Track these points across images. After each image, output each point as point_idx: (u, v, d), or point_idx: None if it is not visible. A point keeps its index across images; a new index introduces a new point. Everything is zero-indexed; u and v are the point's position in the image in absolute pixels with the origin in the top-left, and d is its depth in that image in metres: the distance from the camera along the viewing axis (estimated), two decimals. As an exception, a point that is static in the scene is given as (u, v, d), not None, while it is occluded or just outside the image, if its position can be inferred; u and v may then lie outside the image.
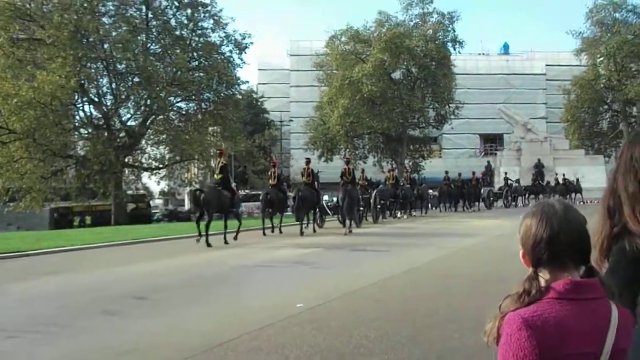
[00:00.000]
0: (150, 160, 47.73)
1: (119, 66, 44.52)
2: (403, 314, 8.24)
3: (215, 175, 21.57)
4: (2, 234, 30.91)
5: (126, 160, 44.75)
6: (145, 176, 51.15)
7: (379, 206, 31.13)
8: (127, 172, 46.96)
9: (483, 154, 71.30)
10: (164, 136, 46.20)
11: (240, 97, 51.56)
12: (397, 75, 53.29)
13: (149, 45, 45.43)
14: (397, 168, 38.82)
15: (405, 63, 52.94)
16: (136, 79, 44.54)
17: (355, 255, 16.32)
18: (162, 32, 45.53)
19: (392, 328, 7.46)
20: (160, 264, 14.59)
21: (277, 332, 7.43)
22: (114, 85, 44.83)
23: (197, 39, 46.59)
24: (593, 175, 46.62)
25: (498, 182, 48.54)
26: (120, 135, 44.87)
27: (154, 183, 53.52)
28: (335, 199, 30.45)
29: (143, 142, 46.85)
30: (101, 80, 45.15)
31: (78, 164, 43.94)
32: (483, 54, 77.87)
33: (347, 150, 53.26)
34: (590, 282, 1.86)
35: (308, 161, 26.33)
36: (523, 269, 1.96)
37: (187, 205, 65.10)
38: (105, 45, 43.50)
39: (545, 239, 1.84)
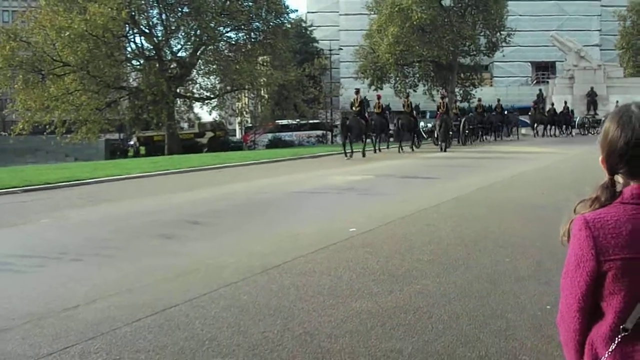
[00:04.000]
0: (201, 91, 47.98)
1: (168, -4, 44.57)
2: (454, 239, 8.32)
3: (354, 108, 27.47)
4: (60, 164, 31.79)
5: (178, 90, 45.06)
6: (197, 106, 51.54)
7: (467, 131, 35.70)
8: (179, 102, 47.37)
9: (535, 82, 69.73)
10: (215, 66, 46.21)
11: (289, 26, 51.08)
12: (447, 2, 52.05)
13: (197, -26, 45.16)
14: (447, 96, 38.72)
15: (456, -11, 51.75)
16: (185, 10, 44.51)
17: (405, 182, 16.39)
18: (209, -39, 45.19)
19: (443, 252, 7.56)
20: (214, 191, 14.89)
21: (330, 255, 7.61)
22: (164, 16, 44.91)
23: (244, -33, 46.16)
24: (649, 104, 45.20)
25: (549, 111, 47.87)
26: (172, 66, 45.11)
27: (205, 113, 53.78)
28: (429, 125, 36.85)
29: (194, 72, 46.96)
30: (151, 11, 45.30)
31: (131, 95, 44.50)
32: (536, -22, 75.35)
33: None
34: None
35: (407, 95, 34.42)
36: (577, 199, 1.93)
37: (238, 135, 65.59)
38: (154, -24, 43.48)
39: (621, 146, 1.79)
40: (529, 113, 45.13)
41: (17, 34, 38.96)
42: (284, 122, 53.92)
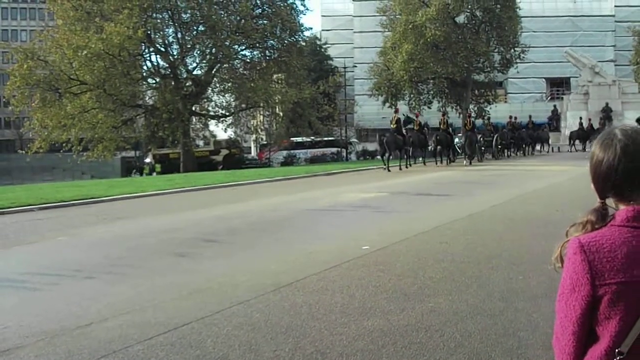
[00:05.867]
0: (216, 108, 48.23)
1: (183, 16, 44.88)
2: (467, 257, 8.31)
3: (392, 125, 29.91)
4: (76, 182, 32.01)
5: (193, 108, 45.32)
6: (212, 124, 51.82)
7: (499, 146, 38.40)
8: (194, 120, 47.60)
9: (549, 98, 69.63)
10: (230, 84, 46.42)
11: (304, 44, 51.37)
12: (461, 19, 52.12)
13: (212, -7, 45.51)
14: (462, 113, 39.56)
15: (469, 6, 51.60)
16: (201, 28, 44.84)
17: (418, 199, 16.36)
18: (225, -20, 45.58)
19: (456, 270, 7.56)
20: (229, 209, 14.92)
21: (343, 273, 7.61)
22: (179, 35, 45.26)
23: (259, -14, 46.50)
24: (664, 120, 44.98)
25: (564, 127, 47.77)
26: (187, 84, 45.34)
27: (220, 131, 54.10)
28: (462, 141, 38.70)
29: (209, 90, 47.24)
30: (167, 30, 45.65)
31: (147, 113, 44.82)
32: (549, -5, 75.42)
33: (415, 98, 53.02)
34: None
35: (443, 113, 36.40)
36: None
37: (253, 152, 65.85)
38: (170, -5, 43.83)
39: (604, 170, 1.81)
40: (543, 129, 45.33)
41: (35, 53, 39.33)
42: (299, 139, 54.10)
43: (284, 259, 8.62)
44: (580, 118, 45.94)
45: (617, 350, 1.75)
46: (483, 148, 36.46)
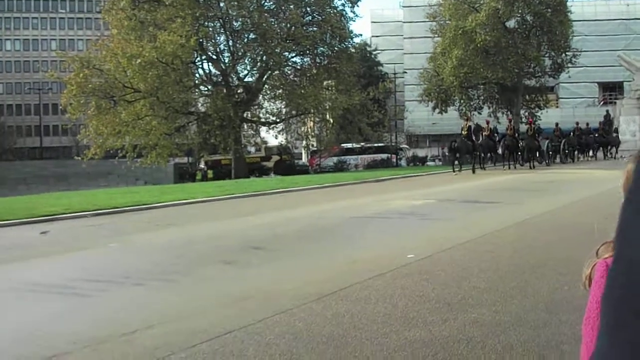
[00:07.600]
0: (267, 115, 48.62)
1: (235, 24, 45.40)
2: (512, 266, 8.23)
3: (463, 132, 32.96)
4: (130, 188, 32.61)
5: (244, 115, 45.78)
6: (263, 130, 52.23)
7: (566, 151, 40.67)
8: (245, 126, 48.07)
9: (602, 103, 68.28)
10: (280, 91, 46.79)
11: (353, 50, 51.38)
12: (511, 23, 51.41)
13: (263, 1, 45.90)
14: (513, 118, 39.34)
15: (520, 11, 50.84)
16: (252, 36, 45.31)
17: (467, 207, 16.23)
18: (275, -12, 46.05)
19: (501, 279, 7.47)
20: (277, 216, 15.05)
21: (387, 282, 7.60)
22: (230, 43, 45.80)
23: (309, -7, 46.78)
24: None
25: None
26: (238, 91, 45.85)
27: (271, 137, 54.54)
28: None
29: (260, 97, 47.68)
30: (218, 38, 46.26)
31: (199, 120, 45.43)
32: (601, -2, 74.08)
33: (464, 103, 52.54)
34: None
35: (510, 120, 38.48)
36: None
37: (304, 158, 66.14)
38: (221, 4, 44.36)
39: None
40: (595, 134, 44.70)
41: (90, 62, 40.23)
42: (349, 145, 54.14)
43: (328, 266, 8.67)
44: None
45: None
46: (551, 152, 38.72)
